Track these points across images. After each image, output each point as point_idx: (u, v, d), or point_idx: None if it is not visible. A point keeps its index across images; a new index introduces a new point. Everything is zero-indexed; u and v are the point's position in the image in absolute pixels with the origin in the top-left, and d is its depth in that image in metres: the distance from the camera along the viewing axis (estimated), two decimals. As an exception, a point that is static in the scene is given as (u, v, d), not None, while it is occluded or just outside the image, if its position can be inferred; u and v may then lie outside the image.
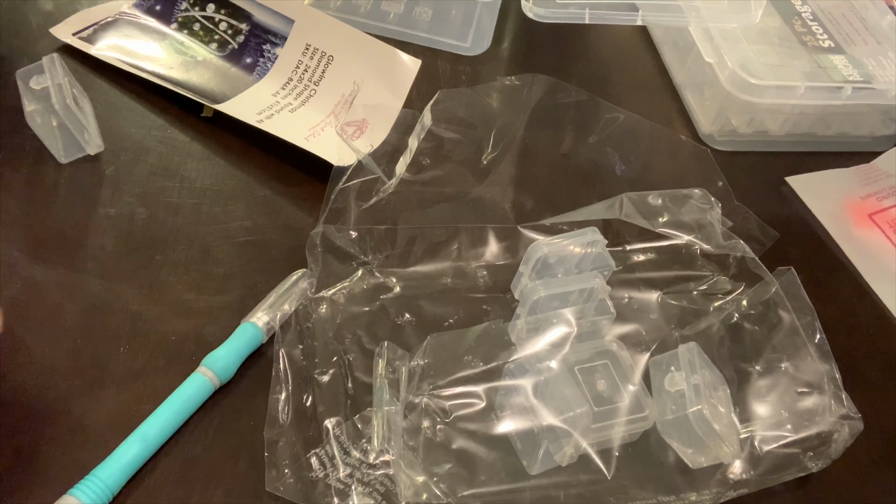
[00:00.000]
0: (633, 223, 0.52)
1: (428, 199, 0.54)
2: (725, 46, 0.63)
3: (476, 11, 0.69)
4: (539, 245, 0.47)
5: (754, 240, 0.54)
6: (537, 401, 0.43)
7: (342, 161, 0.53)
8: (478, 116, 0.57)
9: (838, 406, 0.45)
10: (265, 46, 0.62)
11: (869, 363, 0.53)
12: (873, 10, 0.70)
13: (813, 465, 0.44)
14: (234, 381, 0.45)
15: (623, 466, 0.43)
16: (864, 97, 0.63)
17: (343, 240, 0.51)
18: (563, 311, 0.46)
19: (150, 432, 0.42)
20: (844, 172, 0.65)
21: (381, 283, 0.50)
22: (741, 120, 0.65)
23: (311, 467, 0.42)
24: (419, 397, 0.45)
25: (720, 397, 0.45)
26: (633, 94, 0.68)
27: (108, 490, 0.40)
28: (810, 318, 0.47)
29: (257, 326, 0.46)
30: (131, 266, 0.50)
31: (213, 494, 0.42)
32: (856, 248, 0.59)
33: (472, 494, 0.42)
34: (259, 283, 0.50)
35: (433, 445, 0.43)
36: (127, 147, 0.56)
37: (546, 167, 0.60)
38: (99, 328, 0.47)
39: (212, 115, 0.59)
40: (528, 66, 0.68)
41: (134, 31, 0.63)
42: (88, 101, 0.55)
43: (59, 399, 0.44)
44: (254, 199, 0.55)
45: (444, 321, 0.49)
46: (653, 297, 0.52)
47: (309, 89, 0.61)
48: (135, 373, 0.45)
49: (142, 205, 0.53)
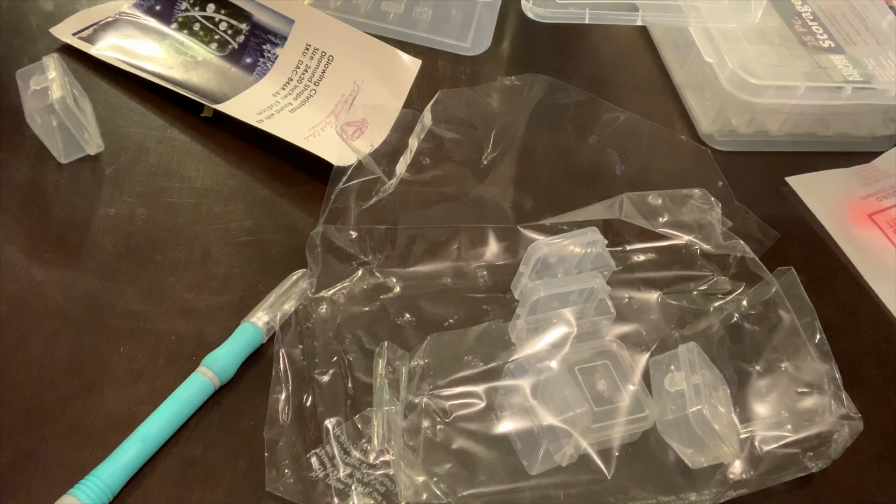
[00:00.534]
0: (633, 223, 0.52)
1: (428, 199, 0.54)
2: (725, 46, 0.63)
3: (476, 11, 0.69)
4: (539, 245, 0.47)
5: (754, 240, 0.54)
6: (537, 401, 0.43)
7: (342, 161, 0.53)
8: (478, 116, 0.57)
9: (838, 406, 0.45)
10: (265, 46, 0.62)
11: (869, 363, 0.53)
12: (873, 10, 0.70)
13: (813, 465, 0.44)
14: (234, 381, 0.45)
15: (623, 466, 0.43)
16: (864, 97, 0.63)
17: (343, 240, 0.51)
18: (563, 311, 0.46)
19: (150, 432, 0.42)
20: (844, 172, 0.65)
21: (381, 283, 0.50)
22: (741, 120, 0.65)
23: (311, 467, 0.42)
24: (419, 397, 0.45)
25: (720, 397, 0.45)
26: (633, 94, 0.68)
27: (108, 490, 0.40)
28: (810, 318, 0.47)
29: (257, 326, 0.46)
30: (131, 266, 0.50)
31: (213, 494, 0.42)
32: (856, 248, 0.59)
33: (472, 494, 0.42)
34: (259, 283, 0.50)
35: (433, 445, 0.43)
36: (127, 147, 0.56)
37: (546, 167, 0.60)
38: (99, 328, 0.47)
39: (212, 115, 0.59)
40: (528, 66, 0.68)
41: (134, 31, 0.63)
42: (88, 101, 0.55)
43: (59, 399, 0.44)
44: (254, 199, 0.55)
45: (444, 321, 0.49)
46: (653, 297, 0.52)
47: (309, 89, 0.61)
48: (135, 373, 0.45)
49: (142, 205, 0.53)
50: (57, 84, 0.52)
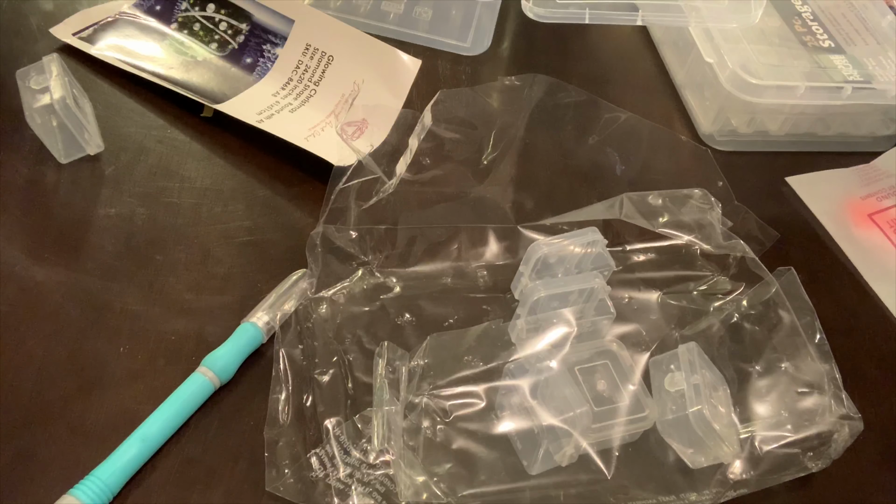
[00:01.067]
0: (633, 223, 0.52)
1: (428, 199, 0.54)
2: (725, 46, 0.63)
3: (476, 11, 0.69)
4: (539, 245, 0.47)
5: (754, 240, 0.54)
6: (537, 401, 0.43)
7: (342, 161, 0.53)
8: (478, 116, 0.57)
9: (838, 406, 0.45)
10: (265, 46, 0.62)
11: (869, 363, 0.53)
12: (873, 10, 0.70)
13: (813, 465, 0.44)
14: (234, 381, 0.45)
15: (623, 466, 0.43)
16: (864, 97, 0.63)
17: (343, 240, 0.51)
18: (563, 311, 0.46)
19: (150, 432, 0.42)
20: (844, 172, 0.65)
21: (381, 283, 0.50)
22: (741, 120, 0.65)
23: (311, 467, 0.42)
24: (419, 397, 0.45)
25: (720, 397, 0.45)
26: (633, 94, 0.68)
27: (108, 490, 0.40)
28: (810, 318, 0.47)
29: (257, 326, 0.46)
30: (131, 266, 0.50)
31: (213, 494, 0.42)
32: (856, 248, 0.59)
33: (471, 494, 0.42)
34: (259, 283, 0.50)
35: (433, 445, 0.43)
36: (127, 147, 0.56)
37: (546, 167, 0.60)
38: (99, 328, 0.47)
39: (212, 115, 0.59)
40: (529, 66, 0.68)
41: (134, 31, 0.63)
42: (88, 100, 0.55)
43: (59, 399, 0.44)
44: (254, 199, 0.55)
45: (444, 321, 0.49)
46: (653, 297, 0.52)
47: (309, 89, 0.61)
48: (135, 373, 0.45)
49: (142, 205, 0.53)
50: (57, 84, 0.52)
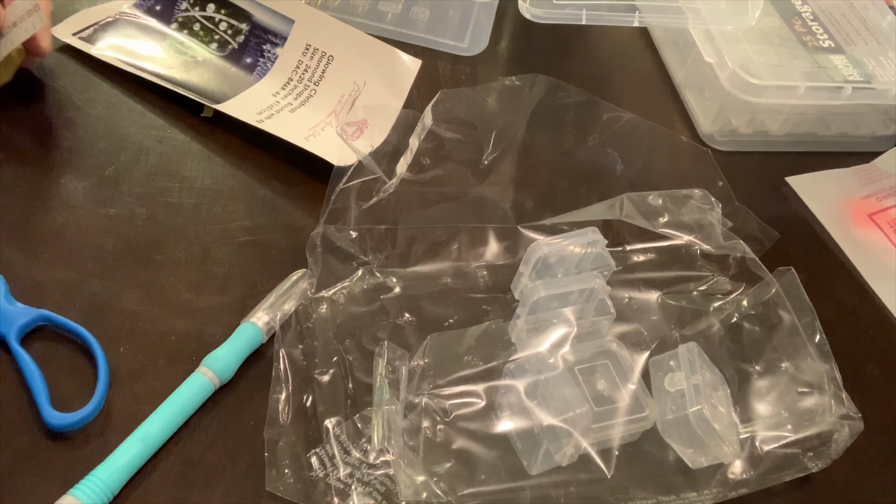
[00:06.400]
0: (633, 223, 0.52)
1: (428, 199, 0.54)
2: (725, 47, 0.63)
3: (473, 12, 0.69)
4: (539, 245, 0.47)
5: (754, 240, 0.54)
6: (537, 401, 0.43)
7: (342, 161, 0.53)
8: (478, 116, 0.57)
9: (838, 406, 0.45)
10: (265, 46, 0.62)
11: (869, 363, 0.53)
12: (873, 10, 0.70)
13: (813, 465, 0.44)
14: (234, 381, 0.45)
15: (623, 466, 0.43)
16: (864, 97, 0.63)
17: (343, 240, 0.51)
18: (563, 311, 0.46)
19: (150, 432, 0.42)
20: (844, 172, 0.65)
21: (381, 283, 0.50)
22: (741, 120, 0.65)
23: (311, 467, 0.42)
24: (419, 397, 0.45)
25: (720, 397, 0.45)
26: (633, 95, 0.68)
27: (108, 490, 0.40)
28: (810, 318, 0.47)
29: (257, 326, 0.46)
30: (131, 266, 0.50)
31: (213, 494, 0.42)
32: (856, 248, 0.59)
33: (471, 493, 0.42)
34: (259, 283, 0.50)
35: (433, 445, 0.43)
36: (127, 147, 0.56)
37: (546, 167, 0.60)
38: (99, 328, 0.47)
39: (212, 115, 0.59)
40: (529, 67, 0.68)
41: (134, 31, 0.63)
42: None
43: (59, 399, 0.44)
44: (254, 199, 0.55)
45: (444, 321, 0.49)
46: (653, 298, 0.52)
47: (309, 89, 0.61)
48: (135, 373, 0.45)
49: (142, 205, 0.53)
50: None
